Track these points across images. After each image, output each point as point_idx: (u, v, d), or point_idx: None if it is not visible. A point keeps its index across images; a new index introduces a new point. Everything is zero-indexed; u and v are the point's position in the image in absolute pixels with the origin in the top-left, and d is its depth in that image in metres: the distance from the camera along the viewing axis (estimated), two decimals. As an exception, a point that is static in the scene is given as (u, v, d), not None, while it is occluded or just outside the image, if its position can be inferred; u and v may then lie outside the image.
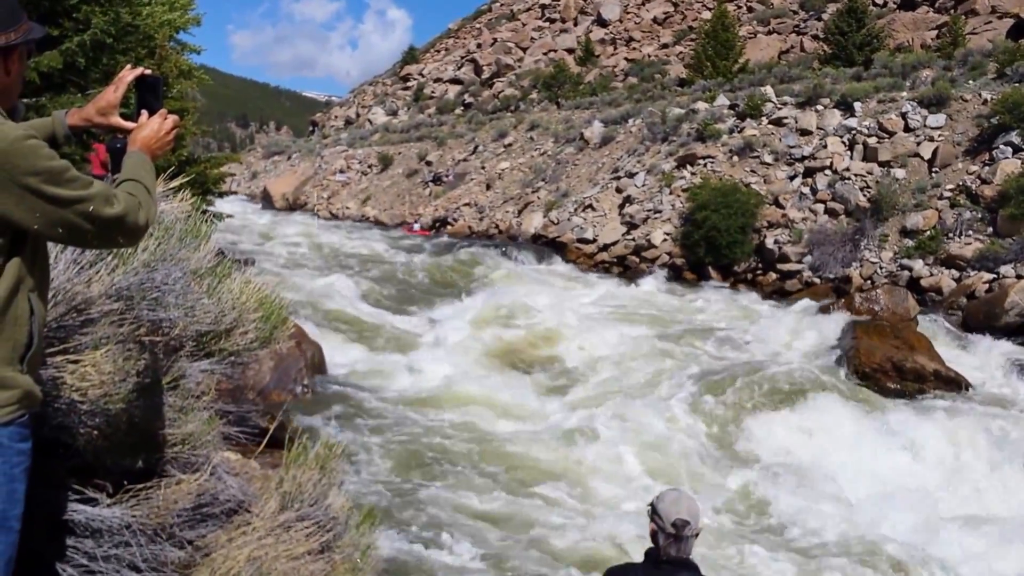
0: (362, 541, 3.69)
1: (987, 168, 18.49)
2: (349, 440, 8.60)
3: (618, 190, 25.85)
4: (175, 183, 3.99)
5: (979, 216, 17.66)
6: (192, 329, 3.32)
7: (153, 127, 2.44)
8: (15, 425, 2.09)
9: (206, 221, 3.84)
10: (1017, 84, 20.31)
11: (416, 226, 34.27)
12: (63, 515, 2.70)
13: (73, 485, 2.79)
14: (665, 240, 22.46)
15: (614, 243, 23.76)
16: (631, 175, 26.09)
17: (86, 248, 2.89)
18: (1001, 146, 18.62)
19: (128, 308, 3.05)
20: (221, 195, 20.70)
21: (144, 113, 2.46)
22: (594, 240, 24.33)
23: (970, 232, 17.47)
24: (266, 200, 50.54)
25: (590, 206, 25.89)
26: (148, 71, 2.54)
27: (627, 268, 22.62)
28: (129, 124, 2.46)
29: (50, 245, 2.36)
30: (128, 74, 2.49)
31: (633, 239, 23.26)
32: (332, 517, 3.48)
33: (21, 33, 2.14)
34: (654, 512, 3.43)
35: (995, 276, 15.98)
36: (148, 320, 3.18)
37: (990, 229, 17.28)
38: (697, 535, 3.41)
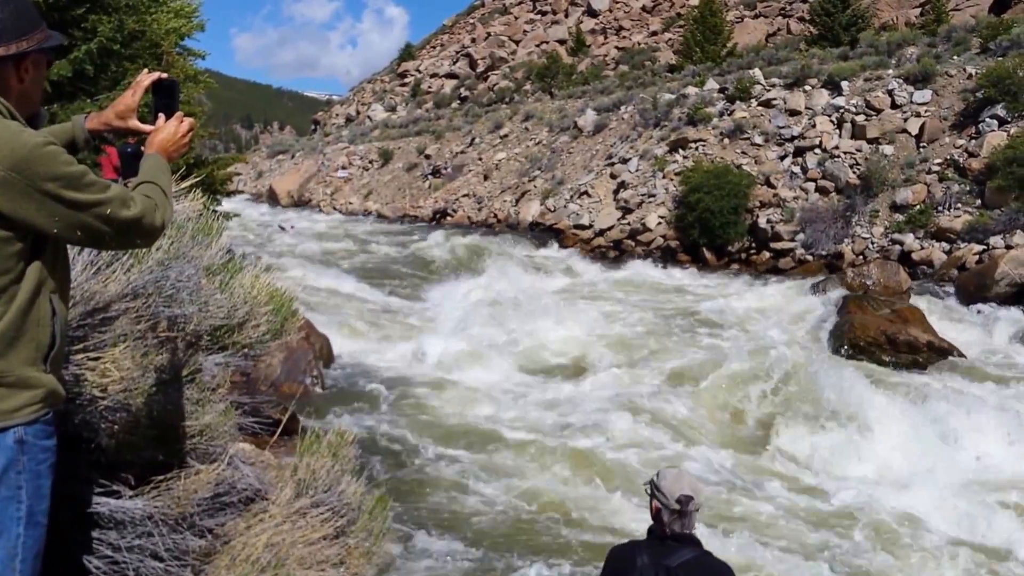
0: (375, 526, 3.71)
1: (974, 141, 18.46)
2: (359, 428, 8.63)
3: (612, 176, 25.80)
4: (185, 184, 4.01)
5: (967, 189, 17.63)
6: (206, 324, 3.34)
7: (170, 130, 2.45)
8: (40, 423, 2.11)
9: (216, 219, 3.85)
10: (1000, 58, 20.23)
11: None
12: (88, 508, 2.72)
13: (97, 479, 2.81)
14: (660, 223, 22.44)
15: (610, 228, 23.74)
16: (624, 161, 26.04)
17: (104, 249, 2.91)
18: (987, 119, 18.58)
19: (144, 306, 3.07)
20: (228, 195, 20.71)
21: (161, 116, 2.48)
22: (590, 226, 24.31)
23: (959, 205, 17.45)
24: (272, 198, 50.51)
25: (585, 193, 25.86)
26: (165, 75, 2.55)
27: (623, 252, 22.62)
28: (147, 127, 2.48)
29: (68, 247, 2.38)
30: (145, 78, 2.51)
31: (628, 223, 23.24)
32: (346, 503, 3.50)
33: (35, 42, 2.15)
34: (656, 490, 3.40)
35: (985, 247, 15.97)
36: (164, 317, 3.20)
37: (978, 201, 17.26)
38: (699, 510, 3.39)
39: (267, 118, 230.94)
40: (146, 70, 2.58)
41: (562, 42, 58.63)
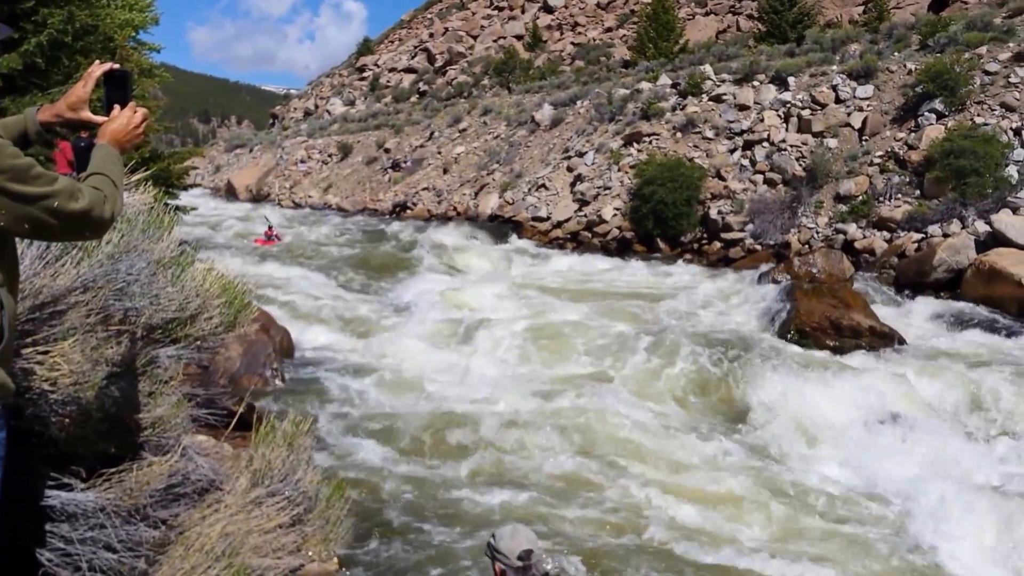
0: (332, 514, 3.70)
1: (913, 134, 18.80)
2: (318, 419, 8.57)
3: (569, 169, 25.88)
4: (136, 177, 3.94)
5: (907, 180, 17.96)
6: (158, 317, 3.30)
7: (123, 120, 2.41)
8: (-13, 417, 2.07)
9: (169, 213, 3.80)
10: (939, 54, 20.61)
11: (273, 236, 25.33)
12: (39, 501, 2.68)
13: (48, 472, 2.76)
14: (615, 215, 22.56)
15: (567, 220, 23.83)
16: (581, 154, 26.13)
17: (53, 242, 2.86)
18: (926, 113, 18.93)
19: (95, 299, 3.02)
20: (185, 188, 20.45)
21: (116, 107, 2.43)
22: (548, 218, 24.37)
23: (899, 195, 17.78)
24: (230, 192, 49.81)
25: (543, 186, 25.90)
26: (116, 66, 2.50)
27: (580, 243, 22.72)
28: (99, 118, 2.43)
29: (17, 240, 2.33)
30: (96, 69, 2.46)
31: (585, 215, 23.35)
32: (302, 492, 3.48)
33: None
34: (496, 552, 3.37)
35: (923, 236, 16.30)
36: (115, 310, 3.15)
37: (917, 192, 17.60)
38: (541, 560, 3.37)
39: (224, 112, 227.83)
40: (97, 61, 2.54)
41: (519, 38, 58.53)
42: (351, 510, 4.87)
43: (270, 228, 25.31)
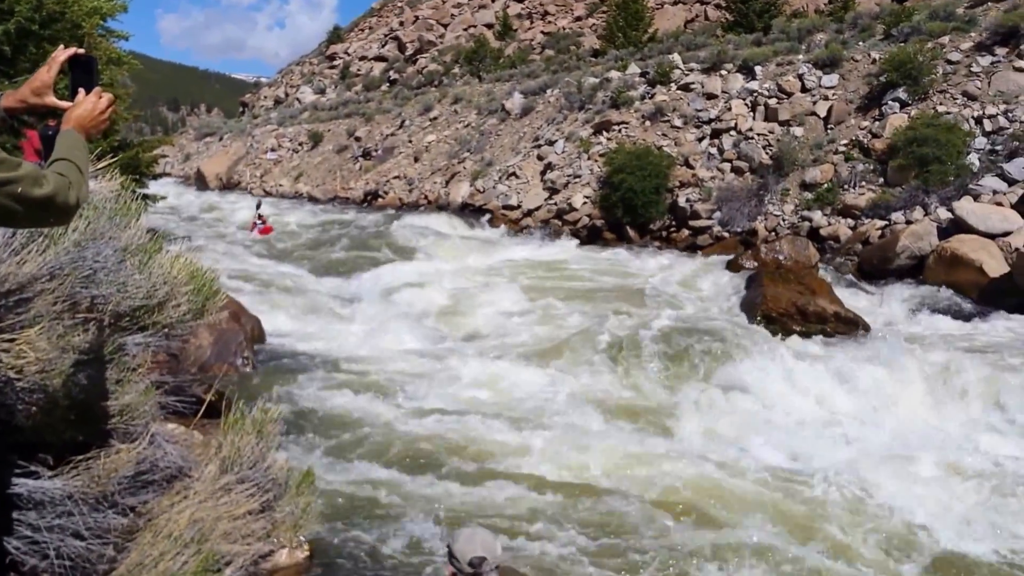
0: (302, 500, 3.69)
1: (877, 123, 19.01)
2: (288, 407, 8.53)
3: (539, 158, 25.88)
4: (102, 164, 3.89)
5: (871, 168, 18.16)
6: (125, 304, 3.26)
7: (87, 106, 2.37)
8: (-50, 405, 2.05)
9: (136, 200, 3.75)
10: (902, 43, 20.83)
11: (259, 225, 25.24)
12: (6, 489, 2.65)
13: (15, 460, 2.73)
14: (585, 203, 22.61)
15: (537, 208, 23.85)
16: (551, 143, 26.13)
17: (17, 228, 2.82)
18: (889, 102, 19.14)
19: (61, 286, 2.98)
20: (155, 177, 20.21)
21: (81, 92, 2.39)
22: (519, 206, 24.37)
23: (863, 183, 17.97)
24: (200, 181, 49.28)
25: (514, 174, 25.88)
26: (81, 51, 2.46)
27: (551, 231, 22.73)
28: (64, 103, 2.39)
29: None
30: (61, 54, 2.42)
31: (555, 203, 23.37)
32: (271, 479, 3.47)
33: None
34: (451, 555, 3.26)
35: (887, 223, 16.49)
36: (82, 297, 3.11)
37: (881, 180, 17.80)
38: (497, 568, 3.25)
39: (194, 100, 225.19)
40: (61, 46, 2.50)
41: (489, 26, 58.34)
42: (321, 498, 4.87)
43: (261, 218, 25.54)
